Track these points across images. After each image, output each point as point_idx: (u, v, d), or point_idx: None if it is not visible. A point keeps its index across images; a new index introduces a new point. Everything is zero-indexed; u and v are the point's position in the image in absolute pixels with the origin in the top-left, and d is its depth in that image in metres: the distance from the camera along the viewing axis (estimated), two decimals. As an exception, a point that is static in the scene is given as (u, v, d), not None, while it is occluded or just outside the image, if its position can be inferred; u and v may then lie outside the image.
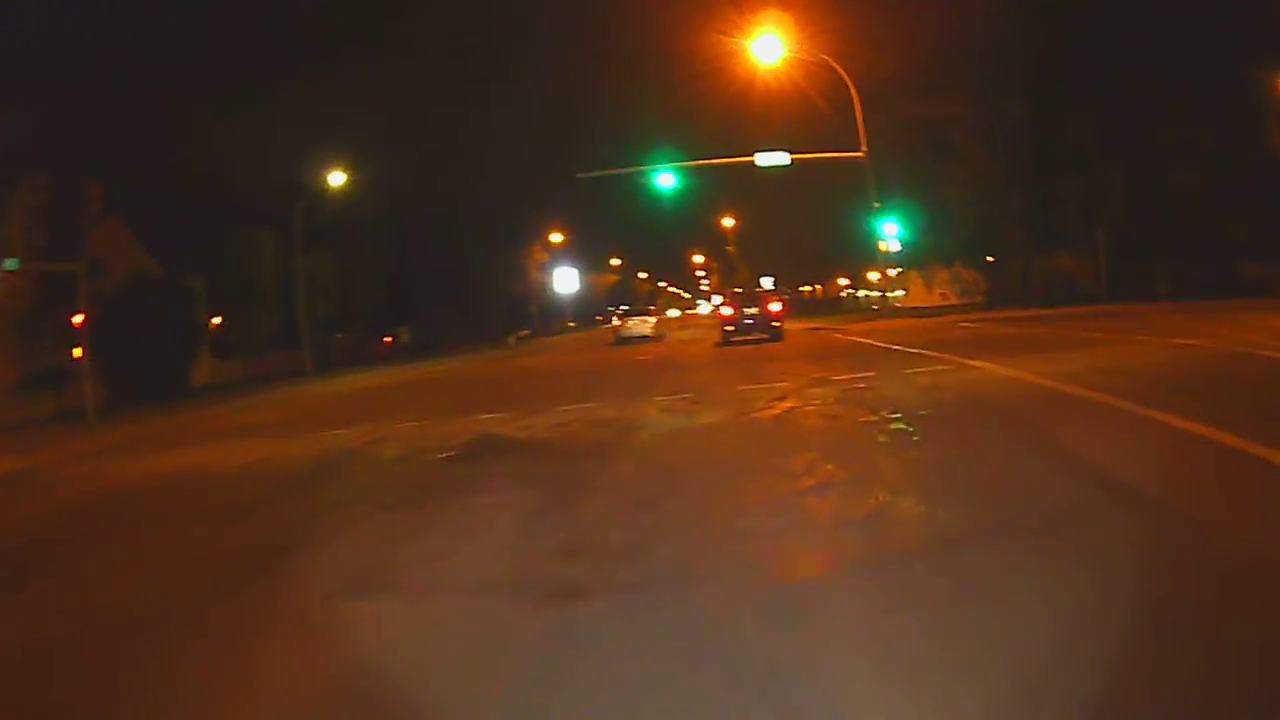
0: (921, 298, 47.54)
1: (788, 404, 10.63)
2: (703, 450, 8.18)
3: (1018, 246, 39.12)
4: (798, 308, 74.77)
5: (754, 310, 29.41)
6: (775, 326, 28.77)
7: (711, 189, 68.82)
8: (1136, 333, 16.43)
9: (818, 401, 10.63)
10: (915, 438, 7.70)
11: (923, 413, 8.99)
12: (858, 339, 23.94)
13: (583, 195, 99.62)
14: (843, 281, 70.96)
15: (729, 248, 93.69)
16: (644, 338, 39.39)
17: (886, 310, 38.07)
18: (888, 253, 38.24)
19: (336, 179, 40.58)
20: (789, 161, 37.14)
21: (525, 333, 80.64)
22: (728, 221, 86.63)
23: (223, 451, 12.36)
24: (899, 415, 8.85)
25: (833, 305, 70.07)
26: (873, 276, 60.06)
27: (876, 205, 37.03)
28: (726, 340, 28.76)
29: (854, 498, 5.61)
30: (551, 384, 19.23)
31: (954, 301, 45.15)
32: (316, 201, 41.39)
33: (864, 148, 36.75)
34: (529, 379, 22.18)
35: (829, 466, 6.66)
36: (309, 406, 20.54)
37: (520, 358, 35.69)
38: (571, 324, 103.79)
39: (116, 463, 13.23)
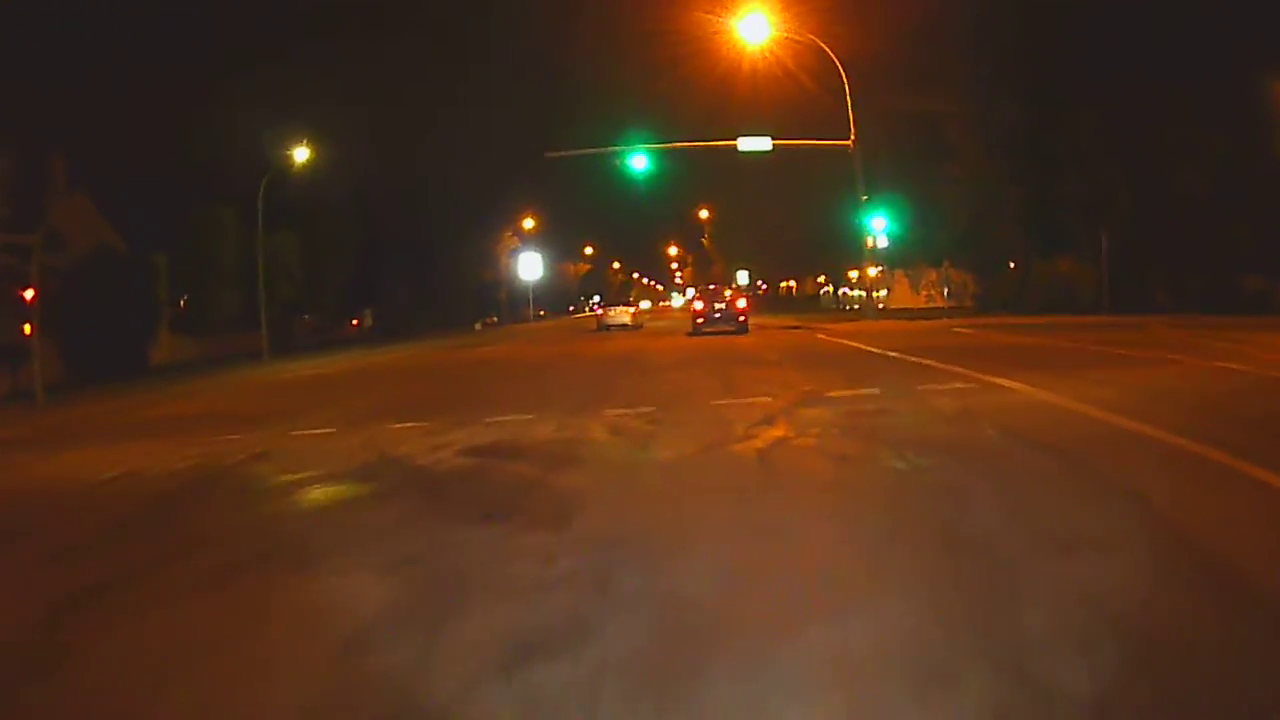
0: (906, 299, 45.28)
1: (777, 431, 8.14)
2: (657, 515, 5.57)
3: (1014, 248, 36.91)
4: (774, 304, 72.53)
5: (722, 306, 32.51)
6: (741, 321, 31.55)
7: (689, 179, 66.64)
8: (1160, 350, 14.46)
9: (817, 430, 8.13)
10: (975, 508, 5.20)
11: (966, 459, 6.55)
12: (845, 342, 21.57)
13: (557, 182, 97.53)
14: (819, 279, 68.68)
15: (704, 239, 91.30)
16: (624, 326, 43.07)
17: (870, 311, 35.68)
18: (874, 249, 35.86)
19: (301, 155, 38.98)
20: (771, 147, 34.70)
21: (493, 320, 78.34)
22: (704, 213, 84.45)
23: (111, 456, 10.00)
24: (935, 462, 6.42)
25: (809, 303, 67.78)
26: (852, 275, 57.99)
27: (864, 198, 34.68)
28: (697, 330, 31.82)
29: (926, 665, 3.12)
30: (497, 383, 16.71)
31: (940, 304, 42.94)
32: (281, 178, 39.59)
33: (853, 136, 34.39)
34: (475, 375, 19.56)
35: (859, 567, 4.18)
36: (240, 396, 18.63)
37: (480, 347, 33.19)
38: (542, 313, 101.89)
39: (12, 459, 11.22)
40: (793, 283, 78.00)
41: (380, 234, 63.57)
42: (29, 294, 25.18)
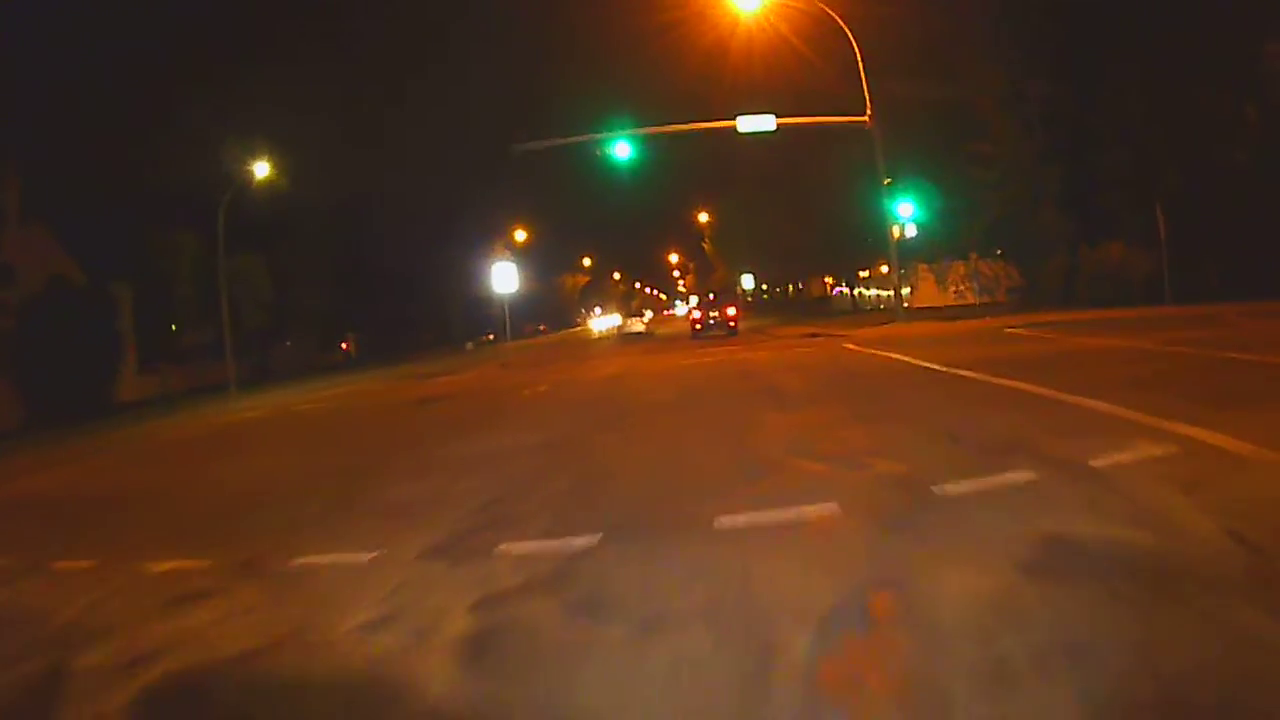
0: (932, 296, 40.27)
1: (897, 693, 3.13)
2: None
3: (1056, 234, 31.84)
4: (782, 308, 67.47)
5: (716, 314, 37.39)
6: (731, 326, 36.60)
7: (686, 181, 62.43)
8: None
9: (1003, 684, 2.97)
10: None
11: None
12: (886, 354, 16.52)
13: (548, 191, 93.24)
14: (827, 280, 63.58)
15: (704, 244, 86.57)
16: (639, 333, 51.93)
17: (899, 312, 30.67)
18: (902, 239, 30.94)
19: (262, 170, 35.73)
20: (774, 126, 29.74)
21: (489, 337, 74.17)
22: (703, 217, 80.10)
23: None
24: None
25: (819, 305, 62.65)
26: (864, 274, 52.91)
27: (887, 182, 29.76)
28: (696, 335, 37.12)
29: None
30: (398, 452, 11.13)
31: (971, 300, 37.90)
32: (243, 197, 36.01)
33: (869, 111, 29.55)
34: (388, 432, 14.26)
35: None
36: (130, 460, 15.24)
37: (442, 376, 28.55)
38: (542, 327, 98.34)
39: None
40: (800, 285, 72.94)
41: (357, 252, 60.10)
42: None
